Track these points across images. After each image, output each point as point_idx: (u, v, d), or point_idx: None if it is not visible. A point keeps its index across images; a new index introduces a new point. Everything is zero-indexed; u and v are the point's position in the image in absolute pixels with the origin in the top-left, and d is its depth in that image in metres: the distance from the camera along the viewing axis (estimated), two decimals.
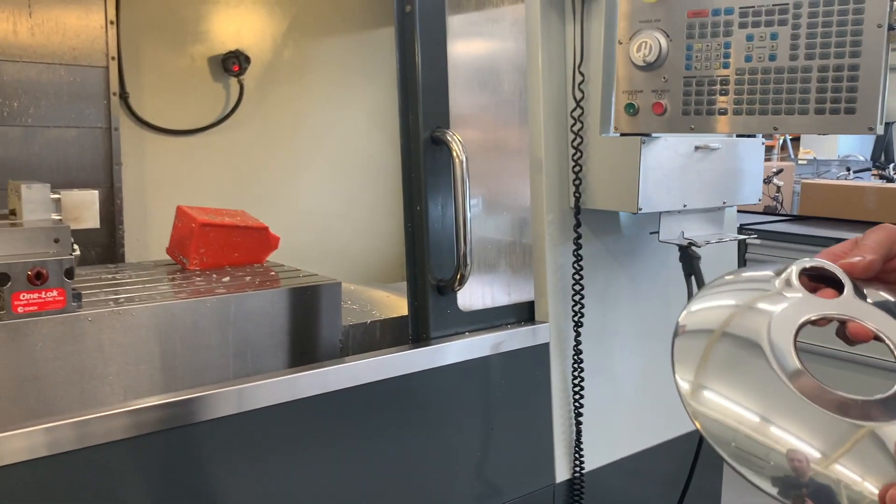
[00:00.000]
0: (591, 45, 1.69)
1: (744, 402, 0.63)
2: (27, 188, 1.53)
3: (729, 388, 0.64)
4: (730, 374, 0.65)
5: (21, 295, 1.37)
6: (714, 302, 0.73)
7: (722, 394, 0.64)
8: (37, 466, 1.13)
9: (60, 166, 2.34)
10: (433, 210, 1.58)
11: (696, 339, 0.68)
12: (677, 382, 0.65)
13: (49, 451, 1.15)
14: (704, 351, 0.66)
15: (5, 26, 2.20)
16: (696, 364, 0.66)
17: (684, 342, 0.68)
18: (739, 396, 0.63)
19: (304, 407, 1.37)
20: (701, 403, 0.63)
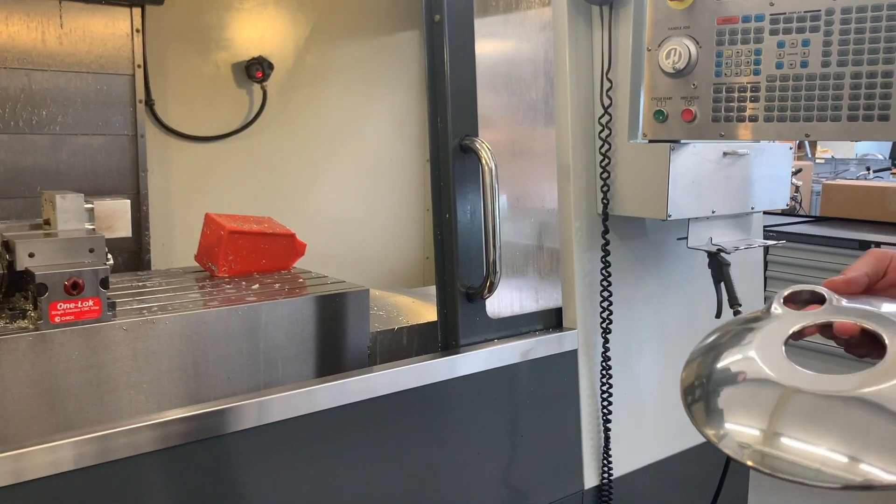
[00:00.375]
0: (619, 52, 1.69)
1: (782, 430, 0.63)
2: (62, 198, 1.55)
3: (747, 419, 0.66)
4: (737, 411, 0.67)
5: (58, 305, 1.39)
6: (710, 352, 0.76)
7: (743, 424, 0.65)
8: (61, 481, 1.14)
9: (88, 173, 2.37)
10: (462, 218, 1.59)
11: (701, 392, 0.71)
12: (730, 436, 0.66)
13: (75, 465, 1.16)
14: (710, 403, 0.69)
15: (34, 36, 2.22)
16: (717, 418, 0.67)
17: (700, 406, 0.70)
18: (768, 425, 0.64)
19: (330, 417, 1.38)
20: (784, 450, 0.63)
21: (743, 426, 0.65)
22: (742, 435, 0.65)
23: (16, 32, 2.20)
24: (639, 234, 1.85)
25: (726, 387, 0.70)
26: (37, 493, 1.11)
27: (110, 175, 2.41)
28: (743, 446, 0.63)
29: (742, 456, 0.63)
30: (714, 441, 0.66)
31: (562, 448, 1.74)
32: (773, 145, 1.86)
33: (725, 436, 0.65)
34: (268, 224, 2.03)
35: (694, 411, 0.69)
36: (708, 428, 0.66)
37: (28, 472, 1.11)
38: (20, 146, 2.24)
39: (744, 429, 0.65)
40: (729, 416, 0.66)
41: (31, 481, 1.11)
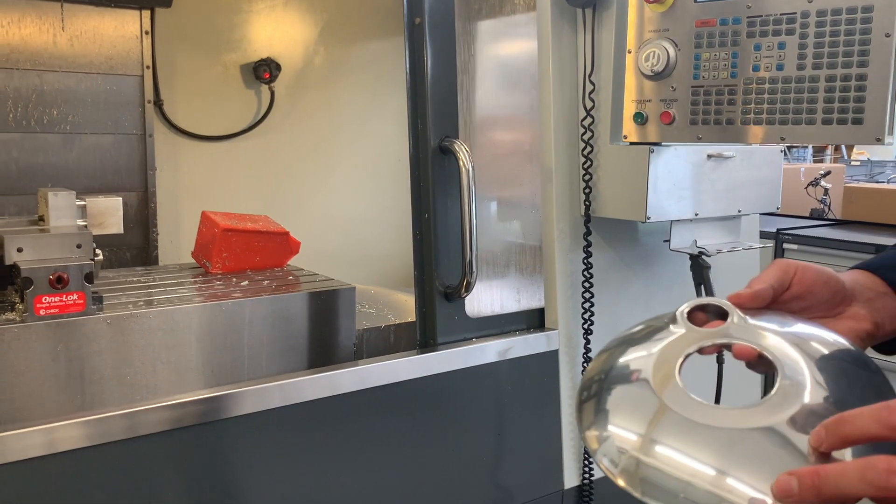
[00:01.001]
0: (602, 55, 1.70)
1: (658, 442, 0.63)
2: (54, 195, 1.61)
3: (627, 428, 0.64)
4: (629, 419, 0.65)
5: (43, 298, 1.44)
6: (612, 354, 0.74)
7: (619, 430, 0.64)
8: (72, 458, 1.18)
9: (97, 171, 2.44)
10: (441, 217, 1.61)
11: (592, 393, 0.70)
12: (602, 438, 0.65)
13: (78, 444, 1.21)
14: (595, 404, 0.68)
15: (46, 38, 2.30)
16: (593, 417, 0.67)
17: (589, 405, 0.69)
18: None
19: (306, 410, 1.41)
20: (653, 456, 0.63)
21: (623, 430, 0.65)
22: (622, 439, 0.64)
23: (28, 35, 2.27)
24: (626, 237, 1.85)
25: (619, 385, 0.70)
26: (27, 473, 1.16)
27: (119, 173, 2.48)
28: (621, 451, 0.63)
29: (616, 468, 0.63)
30: (592, 447, 0.66)
31: (542, 447, 1.75)
32: (763, 148, 1.85)
33: (607, 439, 0.65)
34: (263, 222, 2.07)
35: (584, 409, 0.69)
36: (591, 430, 0.66)
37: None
38: (32, 144, 2.32)
39: (624, 433, 0.65)
40: (613, 418, 0.66)
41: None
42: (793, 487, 0.54)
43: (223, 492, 1.35)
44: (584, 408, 0.69)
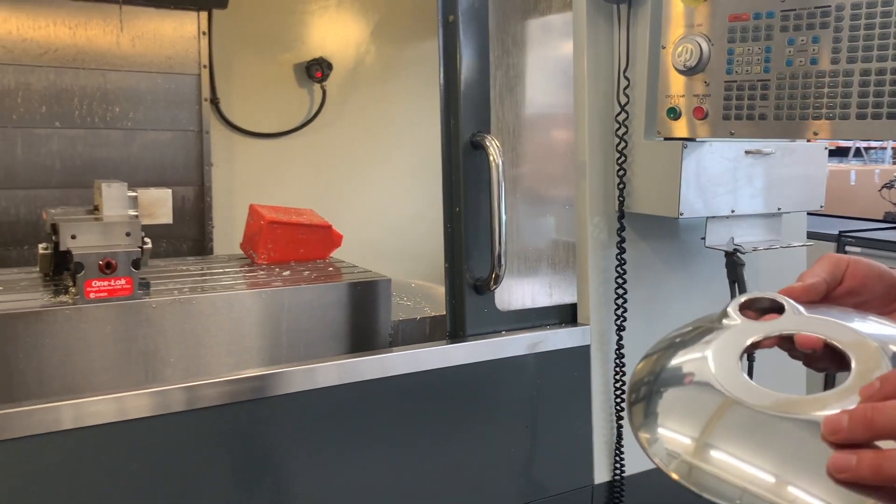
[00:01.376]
0: (637, 51, 1.70)
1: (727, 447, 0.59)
2: (107, 186, 1.70)
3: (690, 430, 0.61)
4: (682, 422, 0.62)
5: (93, 282, 1.53)
6: (663, 354, 0.71)
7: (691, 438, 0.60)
8: (139, 426, 1.27)
9: (156, 166, 2.55)
10: (472, 211, 1.64)
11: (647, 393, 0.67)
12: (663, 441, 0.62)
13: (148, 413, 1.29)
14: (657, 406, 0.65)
15: (110, 39, 2.42)
16: (654, 421, 0.64)
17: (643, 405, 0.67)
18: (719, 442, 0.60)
19: (327, 396, 1.46)
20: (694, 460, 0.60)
21: (675, 433, 0.62)
22: (673, 442, 0.61)
23: (94, 36, 2.40)
24: (664, 233, 1.85)
25: (671, 388, 0.66)
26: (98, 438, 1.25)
27: (177, 168, 2.59)
28: (672, 455, 0.60)
29: (668, 467, 0.60)
30: (645, 446, 0.63)
31: (572, 441, 1.76)
32: (805, 144, 1.81)
33: (656, 441, 0.62)
34: (307, 216, 2.14)
35: (633, 411, 0.66)
36: (642, 431, 0.64)
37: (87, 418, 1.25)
38: (96, 140, 2.45)
39: (676, 435, 0.62)
40: (664, 421, 0.63)
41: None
42: (842, 422, 0.51)
43: (266, 463, 1.42)
44: (633, 410, 0.67)
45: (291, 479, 1.45)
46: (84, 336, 1.53)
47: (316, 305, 1.77)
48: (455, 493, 1.64)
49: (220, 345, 1.66)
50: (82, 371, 1.54)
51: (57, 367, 1.51)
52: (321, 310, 1.78)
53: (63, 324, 1.51)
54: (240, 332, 1.69)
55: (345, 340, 1.83)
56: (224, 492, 1.38)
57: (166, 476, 1.33)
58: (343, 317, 1.81)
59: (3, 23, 2.28)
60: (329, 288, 1.79)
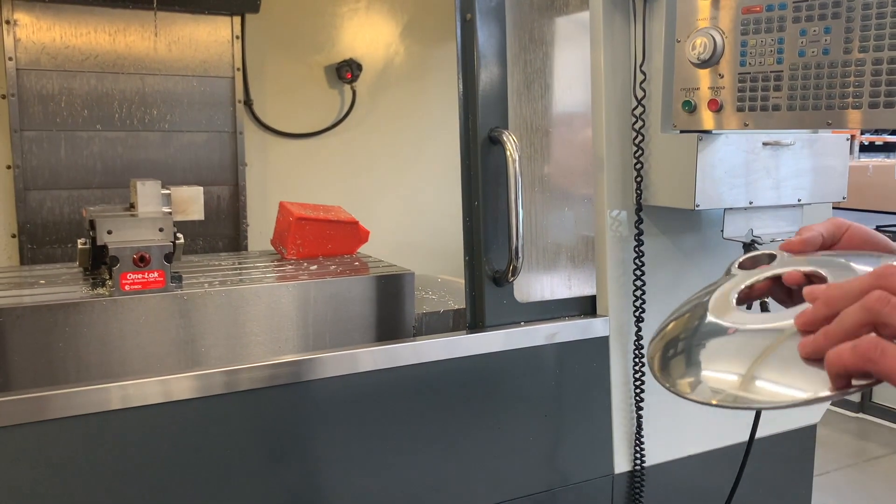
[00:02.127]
0: (653, 45, 1.72)
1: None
2: (141, 184, 1.78)
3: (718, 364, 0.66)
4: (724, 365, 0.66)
5: (128, 275, 1.61)
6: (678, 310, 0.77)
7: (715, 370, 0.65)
8: (182, 407, 1.34)
9: (192, 166, 2.64)
10: (490, 205, 1.68)
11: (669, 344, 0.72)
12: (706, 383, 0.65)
13: (198, 393, 1.39)
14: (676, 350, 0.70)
15: (147, 44, 2.52)
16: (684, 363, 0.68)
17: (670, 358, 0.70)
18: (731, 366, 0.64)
19: (341, 384, 1.51)
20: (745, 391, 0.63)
21: (720, 373, 0.65)
22: (718, 381, 0.64)
23: (132, 42, 2.50)
24: (682, 226, 1.86)
25: (712, 339, 0.70)
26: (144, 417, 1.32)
27: (212, 168, 2.68)
28: (716, 391, 0.63)
29: (712, 399, 0.63)
30: (685, 392, 0.65)
31: (591, 431, 1.79)
32: (825, 136, 1.81)
33: (699, 384, 0.65)
34: (335, 212, 2.20)
35: (672, 364, 0.69)
36: (684, 378, 0.67)
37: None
38: (135, 142, 2.55)
39: (720, 375, 0.65)
40: (707, 366, 0.66)
41: None
42: (807, 313, 0.58)
43: (296, 445, 1.48)
44: (672, 363, 0.70)
45: (318, 460, 1.51)
46: (120, 326, 1.61)
47: (341, 298, 1.83)
48: (477, 479, 1.68)
49: (248, 335, 1.72)
50: (119, 359, 1.62)
51: (94, 354, 1.59)
52: (346, 302, 1.84)
53: (100, 314, 1.59)
54: (267, 323, 1.75)
55: (369, 332, 1.88)
56: (256, 471, 1.44)
57: (205, 455, 1.39)
58: (367, 309, 1.87)
59: (48, 31, 2.39)
60: (353, 281, 1.85)
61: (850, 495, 2.92)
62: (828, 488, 3.02)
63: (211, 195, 2.65)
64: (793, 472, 2.16)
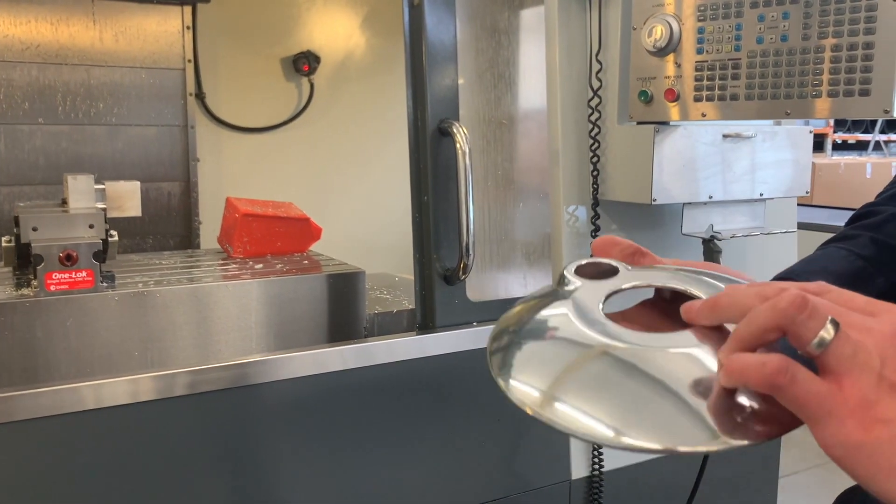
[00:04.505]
0: (609, 33, 1.65)
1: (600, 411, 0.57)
2: (73, 179, 1.68)
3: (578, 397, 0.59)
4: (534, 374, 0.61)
5: (53, 275, 1.52)
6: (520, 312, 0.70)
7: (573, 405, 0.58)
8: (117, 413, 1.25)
9: (141, 161, 2.54)
10: (441, 201, 1.60)
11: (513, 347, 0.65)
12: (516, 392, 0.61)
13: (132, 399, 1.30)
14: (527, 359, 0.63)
15: (92, 34, 2.41)
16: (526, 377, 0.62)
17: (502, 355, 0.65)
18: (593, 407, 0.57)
19: (290, 388, 1.43)
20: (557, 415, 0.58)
21: (525, 384, 0.61)
22: (521, 392, 0.60)
23: (76, 31, 2.40)
24: (641, 221, 1.80)
25: (531, 341, 0.65)
26: None
27: (162, 163, 2.58)
28: (521, 404, 0.59)
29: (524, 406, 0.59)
30: (504, 389, 0.62)
31: (547, 436, 1.72)
32: (789, 128, 1.75)
33: (509, 390, 0.61)
34: (285, 209, 2.11)
35: (493, 360, 0.65)
36: (500, 379, 0.63)
37: None
38: (80, 136, 2.44)
39: (524, 387, 0.60)
40: (517, 372, 0.62)
41: None
42: (694, 305, 0.54)
43: (236, 452, 1.40)
44: (493, 358, 0.65)
45: (261, 467, 1.43)
46: (46, 328, 1.51)
47: (285, 298, 1.75)
48: (430, 485, 1.60)
49: (184, 338, 1.63)
50: (45, 363, 1.52)
51: (18, 358, 1.50)
52: (291, 303, 1.75)
53: (23, 316, 1.49)
54: (206, 325, 1.66)
55: (318, 334, 1.80)
56: (195, 478, 1.36)
57: (140, 462, 1.31)
58: (315, 310, 1.78)
59: None
60: (298, 280, 1.76)
61: (819, 496, 2.88)
62: (796, 489, 2.98)
63: (161, 192, 2.56)
64: (757, 475, 2.10)
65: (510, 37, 1.73)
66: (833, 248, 0.95)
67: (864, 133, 9.94)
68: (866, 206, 1.01)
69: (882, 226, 0.94)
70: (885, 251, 0.90)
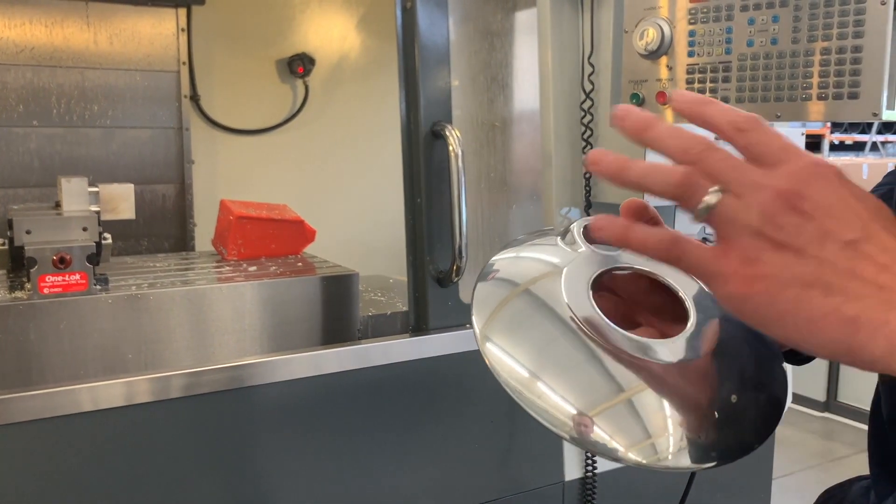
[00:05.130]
0: (601, 36, 1.66)
1: (528, 361, 0.61)
2: (67, 181, 1.69)
3: (513, 345, 0.63)
4: (516, 330, 0.64)
5: (46, 277, 1.52)
6: (516, 255, 0.73)
7: (505, 350, 0.63)
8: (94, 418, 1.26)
9: (136, 164, 2.54)
10: (434, 203, 1.61)
11: (497, 287, 0.68)
12: (473, 326, 0.65)
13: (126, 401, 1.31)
14: (500, 302, 0.66)
15: (86, 36, 2.42)
16: (488, 314, 0.65)
17: (485, 288, 0.67)
18: (522, 355, 0.62)
19: (278, 390, 1.43)
20: (488, 355, 0.62)
21: (491, 330, 0.64)
22: (480, 329, 0.65)
23: (70, 34, 2.40)
24: None
25: (515, 292, 0.68)
26: None
27: (157, 166, 2.58)
28: (478, 339, 0.64)
29: None
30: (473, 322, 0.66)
31: (539, 438, 1.72)
32: (781, 129, 1.76)
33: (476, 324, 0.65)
34: (279, 211, 2.12)
35: (477, 287, 0.68)
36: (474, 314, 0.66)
37: None
38: (74, 138, 2.44)
39: (486, 329, 0.64)
40: (489, 313, 0.65)
41: None
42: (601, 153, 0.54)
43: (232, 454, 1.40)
44: (475, 289, 0.69)
45: (254, 469, 1.43)
46: (39, 332, 1.51)
47: (279, 300, 1.75)
48: (424, 487, 1.61)
49: (178, 340, 1.64)
50: (39, 366, 1.53)
51: (11, 361, 1.50)
52: (284, 305, 1.76)
53: (16, 319, 1.49)
54: (200, 328, 1.67)
55: (312, 336, 1.80)
56: (189, 481, 1.36)
57: (135, 465, 1.31)
58: (309, 312, 1.79)
59: None
60: (292, 283, 1.76)
61: (812, 497, 2.89)
62: (792, 489, 2.98)
63: (156, 194, 2.56)
64: (751, 476, 2.11)
65: (503, 39, 1.74)
66: None
67: (861, 134, 9.97)
68: None
69: None
70: None
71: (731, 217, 0.47)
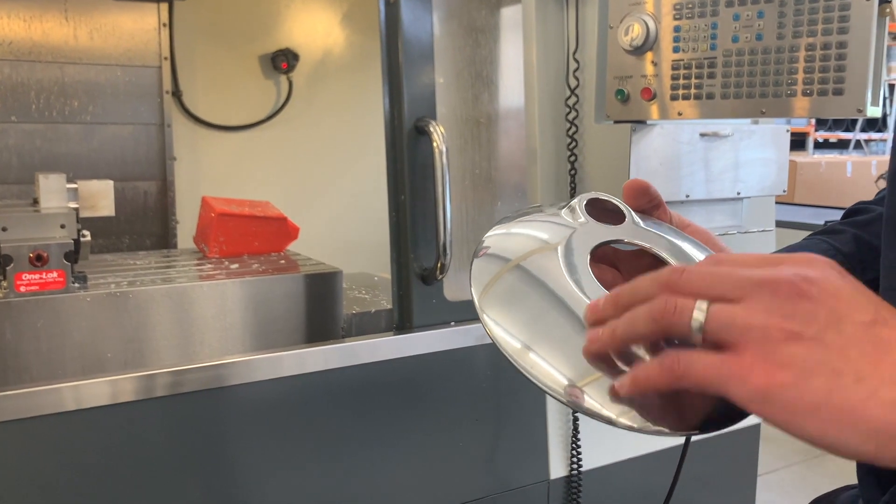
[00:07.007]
0: (586, 31, 1.65)
1: (523, 332, 0.62)
2: (44, 178, 1.66)
3: (509, 316, 0.63)
4: (513, 302, 0.65)
5: (23, 275, 1.49)
6: (514, 229, 0.74)
7: (499, 322, 0.64)
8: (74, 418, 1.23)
9: (117, 161, 2.51)
10: (418, 200, 1.59)
11: (492, 262, 0.69)
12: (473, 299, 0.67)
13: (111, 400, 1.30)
14: (496, 275, 0.68)
15: (66, 31, 2.38)
16: (483, 286, 0.67)
17: (482, 263, 0.70)
18: (519, 325, 0.62)
19: (260, 389, 1.41)
20: (487, 325, 0.64)
21: (488, 295, 0.66)
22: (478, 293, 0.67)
23: (50, 28, 2.36)
24: None
25: (514, 263, 0.69)
26: None
27: (139, 163, 2.55)
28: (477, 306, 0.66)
29: None
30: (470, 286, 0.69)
31: (525, 436, 1.71)
32: (766, 127, 1.76)
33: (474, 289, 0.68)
34: (262, 208, 2.09)
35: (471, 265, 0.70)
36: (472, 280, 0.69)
37: None
38: (54, 135, 2.41)
39: (484, 295, 0.67)
40: (488, 280, 0.68)
41: None
42: (598, 304, 0.54)
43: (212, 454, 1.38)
44: (472, 263, 0.71)
45: (237, 468, 1.41)
46: (15, 331, 1.49)
47: (261, 298, 1.73)
48: (409, 486, 1.60)
49: (158, 339, 1.61)
50: (15, 365, 1.50)
51: None
52: (266, 303, 1.73)
53: None
54: (181, 326, 1.64)
55: (295, 334, 1.78)
56: (168, 482, 1.34)
57: (119, 464, 1.29)
58: (291, 310, 1.77)
59: None
60: (274, 280, 1.74)
61: (798, 493, 2.90)
62: (775, 487, 2.99)
63: (137, 191, 2.53)
64: (736, 473, 2.11)
65: (488, 35, 1.72)
66: (816, 240, 0.95)
67: (846, 132, 10.04)
68: (860, 204, 1.02)
69: (868, 224, 0.95)
70: (865, 249, 0.91)
71: (728, 322, 0.45)
